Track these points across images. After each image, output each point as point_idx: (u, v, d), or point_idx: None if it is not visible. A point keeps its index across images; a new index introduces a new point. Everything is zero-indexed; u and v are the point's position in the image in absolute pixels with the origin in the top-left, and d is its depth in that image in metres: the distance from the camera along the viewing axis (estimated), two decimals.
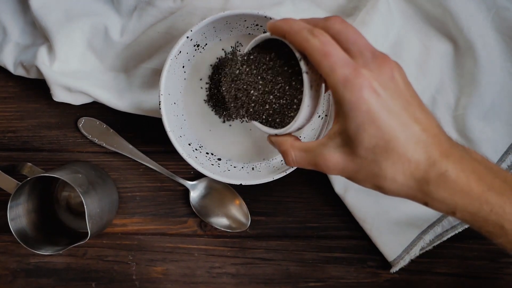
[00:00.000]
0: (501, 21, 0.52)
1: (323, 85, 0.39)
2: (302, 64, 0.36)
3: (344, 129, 0.35)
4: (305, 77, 0.37)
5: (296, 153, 0.39)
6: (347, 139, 0.35)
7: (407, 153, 0.33)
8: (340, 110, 0.35)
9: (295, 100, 0.39)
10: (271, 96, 0.40)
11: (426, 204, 0.35)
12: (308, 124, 0.41)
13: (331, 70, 0.34)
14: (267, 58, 0.40)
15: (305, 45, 0.35)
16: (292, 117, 0.39)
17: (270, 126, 0.42)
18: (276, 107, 0.40)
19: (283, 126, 0.40)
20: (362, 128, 0.34)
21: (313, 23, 0.36)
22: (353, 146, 0.35)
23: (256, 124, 0.43)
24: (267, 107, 0.41)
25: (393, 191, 0.35)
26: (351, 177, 0.37)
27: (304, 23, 0.36)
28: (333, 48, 0.34)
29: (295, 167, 0.50)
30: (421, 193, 0.35)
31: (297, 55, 0.37)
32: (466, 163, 0.34)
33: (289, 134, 0.41)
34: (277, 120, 0.41)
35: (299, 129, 0.40)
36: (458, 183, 0.33)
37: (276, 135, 0.41)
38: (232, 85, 0.42)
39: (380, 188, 0.36)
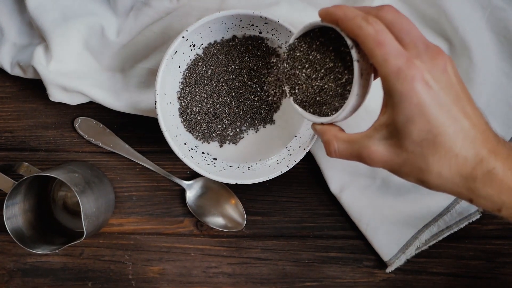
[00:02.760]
0: (496, 21, 0.52)
1: (372, 74, 0.38)
2: (354, 52, 0.36)
3: (392, 121, 0.34)
4: (356, 65, 0.36)
5: (339, 144, 0.38)
6: (394, 131, 0.34)
7: (455, 148, 0.33)
8: (390, 101, 0.34)
9: (344, 89, 0.38)
10: (319, 84, 0.39)
11: (470, 200, 0.35)
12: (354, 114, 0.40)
13: (384, 59, 0.33)
14: (316, 46, 0.39)
15: (358, 32, 0.34)
16: (340, 106, 0.39)
17: (316, 114, 0.41)
18: (324, 95, 0.40)
19: (329, 115, 0.40)
20: (411, 121, 0.33)
21: (366, 11, 0.36)
22: (400, 139, 0.34)
23: (301, 111, 0.42)
24: (314, 95, 0.40)
25: (437, 186, 0.35)
26: (394, 171, 0.36)
27: (358, 10, 0.36)
28: (387, 37, 0.34)
29: (291, 167, 0.50)
30: (466, 189, 0.34)
31: (349, 42, 0.36)
32: None
33: (333, 124, 0.40)
34: (324, 108, 0.40)
35: (346, 118, 0.39)
36: (505, 181, 0.33)
37: (322, 123, 0.40)
38: (280, 72, 0.42)
39: (424, 182, 0.35)
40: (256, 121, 0.54)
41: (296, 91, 0.42)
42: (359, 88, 0.37)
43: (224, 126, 0.54)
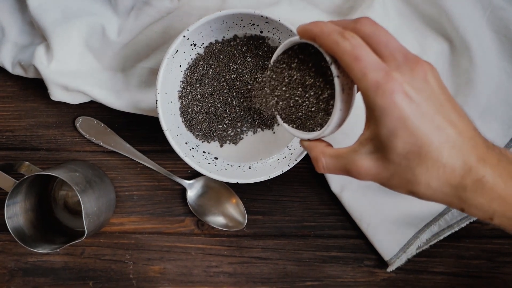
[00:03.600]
0: (496, 20, 0.52)
1: (355, 87, 0.38)
2: (333, 68, 0.35)
3: (376, 135, 0.34)
4: (337, 81, 0.36)
5: (327, 160, 0.38)
6: (379, 145, 0.34)
7: (441, 158, 0.32)
8: (372, 116, 0.34)
9: (327, 105, 0.38)
10: (302, 101, 0.39)
11: (462, 210, 0.34)
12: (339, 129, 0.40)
13: (362, 74, 0.33)
14: (296, 63, 0.39)
15: (335, 48, 0.34)
16: (324, 122, 0.39)
17: (303, 130, 0.41)
18: (307, 112, 0.40)
19: (315, 131, 0.40)
20: (394, 134, 0.33)
21: (343, 25, 0.35)
22: (385, 152, 0.34)
23: (288, 128, 0.42)
24: (298, 112, 0.40)
25: (428, 197, 0.35)
26: (384, 183, 0.36)
27: (334, 25, 0.35)
28: (364, 52, 0.33)
29: (291, 166, 0.50)
30: (457, 199, 0.34)
31: (328, 58, 0.36)
32: (503, 167, 0.33)
33: (320, 139, 0.40)
34: (309, 124, 0.40)
35: (332, 133, 0.39)
36: (495, 189, 0.33)
37: (308, 140, 0.40)
38: (262, 91, 0.42)
39: (414, 193, 0.35)
40: (256, 122, 0.54)
41: (280, 108, 0.42)
42: (341, 103, 0.36)
43: (224, 125, 0.54)
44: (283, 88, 0.41)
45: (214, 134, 0.54)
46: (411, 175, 0.33)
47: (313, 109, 0.39)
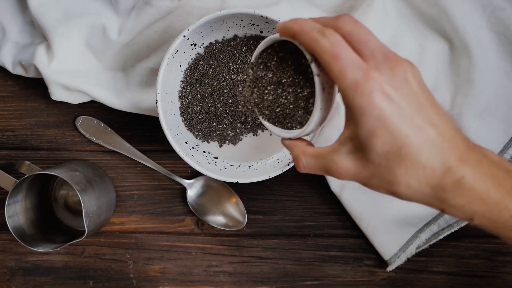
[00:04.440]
0: (496, 20, 0.52)
1: (336, 86, 0.37)
2: (313, 66, 0.35)
3: (355, 135, 0.33)
4: (317, 80, 0.35)
5: (307, 159, 0.38)
6: (358, 145, 0.34)
7: (421, 159, 0.32)
8: (351, 115, 0.33)
9: (308, 103, 0.38)
10: (282, 100, 0.39)
11: (442, 210, 0.34)
12: (321, 127, 0.39)
13: (340, 73, 0.32)
14: (277, 61, 0.39)
15: (314, 46, 0.33)
16: (305, 121, 0.38)
17: (284, 129, 0.41)
18: (288, 110, 0.39)
19: (296, 129, 0.40)
20: (373, 134, 0.32)
21: (324, 22, 0.35)
22: (365, 152, 0.33)
23: (270, 126, 0.42)
24: (278, 110, 0.40)
25: (408, 198, 0.34)
26: (364, 184, 0.36)
27: (315, 22, 0.35)
28: (344, 50, 0.33)
29: (291, 166, 0.51)
30: (437, 200, 0.33)
31: (308, 56, 0.35)
32: (483, 168, 0.33)
33: (301, 138, 0.40)
34: (289, 123, 0.40)
35: (313, 132, 0.39)
36: (475, 190, 0.32)
37: (290, 138, 0.40)
38: (244, 90, 0.42)
39: (394, 194, 0.34)
40: (256, 123, 0.54)
41: (262, 108, 0.41)
42: (321, 102, 0.36)
43: (224, 126, 0.54)
44: (263, 87, 0.40)
45: (214, 134, 0.54)
46: (391, 176, 0.33)
47: (293, 107, 0.39)
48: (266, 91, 0.40)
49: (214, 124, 0.54)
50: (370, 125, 0.32)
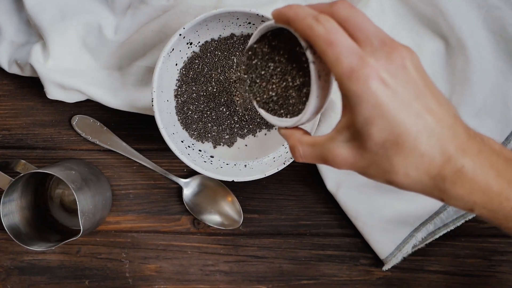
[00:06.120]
0: (492, 19, 0.52)
1: (333, 74, 0.36)
2: (309, 54, 0.34)
3: (352, 123, 0.33)
4: (312, 67, 0.34)
5: (304, 148, 0.37)
6: (355, 133, 0.33)
7: (419, 147, 0.31)
8: (347, 103, 0.33)
9: (302, 91, 0.37)
10: (278, 89, 0.39)
11: (442, 200, 0.33)
12: (319, 115, 0.39)
13: (335, 60, 0.31)
14: (270, 49, 0.38)
15: (309, 32, 0.32)
16: (301, 109, 0.38)
17: (280, 117, 0.40)
18: (284, 99, 0.39)
19: (292, 118, 0.39)
20: (370, 122, 0.31)
21: (320, 9, 0.34)
22: (362, 141, 0.32)
23: (266, 115, 0.41)
24: (275, 99, 0.39)
25: (406, 187, 0.33)
26: (361, 172, 0.35)
27: (310, 9, 0.34)
28: (339, 36, 0.32)
29: (287, 165, 0.51)
30: (436, 190, 0.32)
31: (303, 44, 0.34)
32: (484, 157, 0.32)
33: (297, 127, 0.39)
34: (286, 112, 0.39)
35: (309, 120, 0.38)
36: (475, 180, 0.31)
37: (286, 127, 0.40)
38: (240, 79, 0.41)
39: (392, 183, 0.34)
40: (255, 122, 0.54)
41: (258, 97, 0.41)
42: (317, 90, 0.35)
43: (220, 128, 0.54)
44: (259, 75, 0.40)
45: (209, 135, 0.54)
46: (389, 165, 0.32)
47: (289, 96, 0.38)
48: (262, 80, 0.40)
49: (210, 124, 0.54)
50: (366, 112, 0.31)
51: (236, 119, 0.54)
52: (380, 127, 0.31)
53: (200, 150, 0.54)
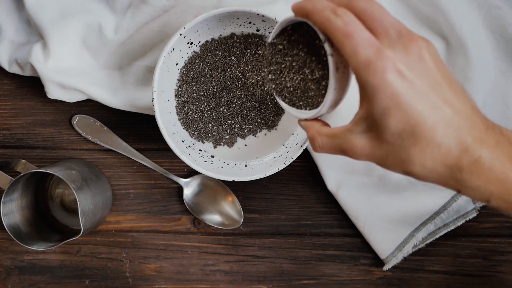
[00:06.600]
0: (492, 19, 0.52)
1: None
2: (327, 46, 0.35)
3: (369, 114, 0.33)
4: (330, 60, 0.35)
5: (323, 139, 0.38)
6: (372, 124, 0.33)
7: (436, 138, 0.32)
8: (365, 94, 0.33)
9: (323, 84, 0.38)
10: (298, 81, 0.39)
11: (459, 191, 0.34)
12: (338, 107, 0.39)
13: (353, 52, 0.32)
14: (291, 42, 0.39)
15: (327, 25, 0.33)
16: (320, 102, 0.38)
17: (300, 109, 0.41)
18: (303, 91, 0.39)
19: (311, 110, 0.39)
20: (387, 113, 0.32)
21: (338, 1, 0.34)
22: (379, 132, 0.33)
23: (286, 107, 0.42)
24: (295, 92, 0.40)
25: (423, 177, 0.34)
26: (379, 163, 0.35)
27: (328, 2, 0.35)
28: (356, 29, 0.32)
29: (287, 164, 0.51)
30: (453, 180, 0.33)
31: (321, 36, 0.35)
32: (501, 149, 0.32)
33: (317, 119, 0.40)
34: (306, 103, 0.40)
35: (329, 112, 0.39)
36: (492, 170, 0.32)
37: (306, 119, 0.40)
38: (260, 71, 0.41)
39: (409, 173, 0.34)
40: (255, 124, 0.54)
41: (278, 89, 0.42)
42: (336, 82, 0.36)
43: (221, 128, 0.54)
44: (279, 68, 0.41)
45: (209, 135, 0.54)
46: (406, 155, 0.33)
47: (308, 88, 0.39)
48: (282, 73, 0.40)
49: (210, 124, 0.54)
50: (383, 103, 0.32)
51: (236, 119, 0.54)
52: (397, 118, 0.32)
53: (200, 150, 0.54)
